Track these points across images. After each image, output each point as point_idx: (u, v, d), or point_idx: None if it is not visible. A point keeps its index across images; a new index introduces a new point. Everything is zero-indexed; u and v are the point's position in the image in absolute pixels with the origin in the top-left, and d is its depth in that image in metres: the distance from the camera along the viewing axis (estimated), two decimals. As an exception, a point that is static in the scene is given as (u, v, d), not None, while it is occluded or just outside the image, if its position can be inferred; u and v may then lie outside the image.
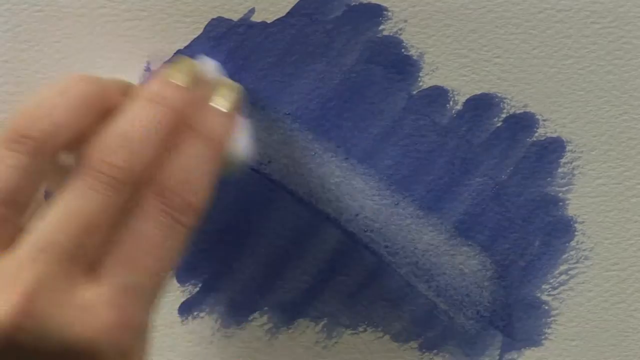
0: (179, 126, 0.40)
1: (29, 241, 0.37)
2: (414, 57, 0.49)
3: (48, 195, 0.39)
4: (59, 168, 0.40)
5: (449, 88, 0.49)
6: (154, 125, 0.39)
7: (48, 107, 0.38)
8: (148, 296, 0.39)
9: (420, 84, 0.49)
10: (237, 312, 0.52)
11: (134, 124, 0.39)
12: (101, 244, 0.38)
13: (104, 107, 0.40)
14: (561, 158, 0.50)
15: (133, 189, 0.38)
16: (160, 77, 0.42)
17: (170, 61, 0.46)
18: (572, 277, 0.51)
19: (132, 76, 0.49)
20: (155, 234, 0.39)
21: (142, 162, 0.39)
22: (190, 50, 0.48)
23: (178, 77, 0.41)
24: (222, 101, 0.43)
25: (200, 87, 0.42)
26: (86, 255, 0.37)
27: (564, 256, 0.51)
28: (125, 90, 0.42)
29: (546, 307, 0.51)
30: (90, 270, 0.38)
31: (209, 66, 0.44)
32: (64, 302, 0.36)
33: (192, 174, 0.40)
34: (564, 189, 0.50)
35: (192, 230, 0.40)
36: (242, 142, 0.45)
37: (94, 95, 0.40)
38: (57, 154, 0.39)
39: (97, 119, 0.39)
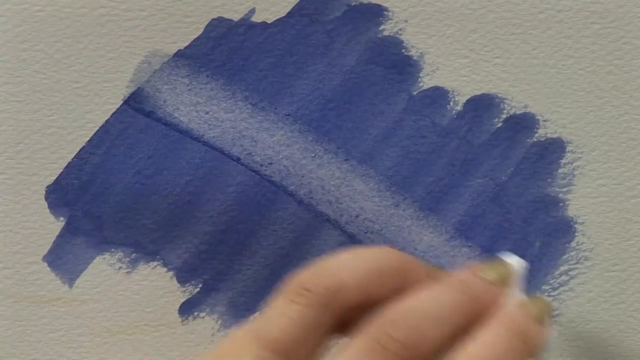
0: (478, 315, 0.39)
1: None
2: (415, 58, 0.49)
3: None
4: (340, 328, 0.40)
5: (449, 88, 0.49)
6: (448, 307, 0.38)
7: (337, 267, 0.38)
8: None
9: (421, 84, 0.49)
10: (237, 312, 0.52)
11: (427, 302, 0.38)
12: None
13: (400, 281, 0.39)
14: (561, 158, 0.50)
15: None
16: (470, 269, 0.41)
17: (484, 260, 0.46)
18: (572, 277, 0.51)
19: (131, 75, 0.49)
20: None
21: (426, 342, 0.37)
22: (191, 50, 0.49)
23: (487, 273, 0.40)
24: (531, 308, 0.40)
25: (508, 287, 0.41)
26: None
27: (564, 257, 0.51)
28: (432, 273, 0.41)
29: (546, 308, 0.51)
30: None
31: (518, 267, 0.43)
32: None
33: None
34: (564, 189, 0.50)
35: None
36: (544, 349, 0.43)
37: (391, 265, 0.39)
38: (339, 313, 0.38)
39: (390, 291, 0.39)
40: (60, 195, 0.51)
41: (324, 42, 0.49)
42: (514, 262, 0.43)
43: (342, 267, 0.38)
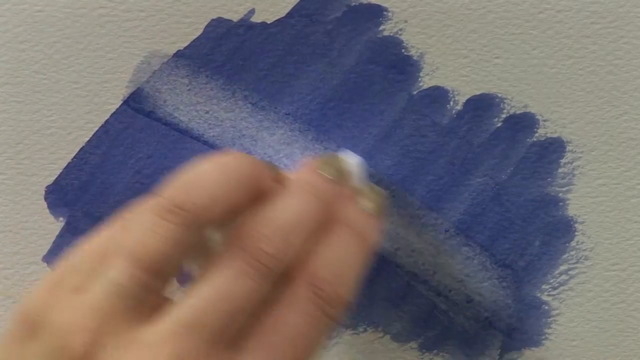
0: (326, 218, 0.41)
1: (174, 315, 0.37)
2: (414, 58, 0.49)
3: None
4: (201, 241, 0.40)
5: (449, 88, 0.49)
6: (307, 215, 0.40)
7: (205, 181, 0.38)
8: None
9: (421, 84, 0.49)
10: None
11: (290, 213, 0.39)
12: (243, 327, 0.38)
13: (256, 188, 0.40)
14: (561, 158, 0.50)
15: (280, 277, 0.39)
16: (310, 167, 0.42)
17: (319, 156, 0.47)
18: (572, 277, 0.51)
19: (131, 75, 0.49)
20: (300, 324, 0.38)
21: (294, 251, 0.39)
22: (190, 51, 0.48)
23: (327, 170, 0.42)
24: (367, 203, 0.43)
25: (346, 183, 0.43)
26: (227, 338, 0.37)
27: (564, 256, 0.51)
28: (276, 177, 0.42)
29: (546, 307, 0.51)
30: (230, 353, 0.37)
31: (353, 162, 0.45)
32: None
33: (343, 267, 0.40)
34: (564, 189, 0.50)
35: (336, 325, 0.40)
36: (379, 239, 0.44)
37: (250, 175, 0.40)
38: (207, 228, 0.39)
39: (248, 199, 0.40)
40: (60, 195, 0.51)
41: (324, 42, 0.49)
42: (349, 157, 0.44)
43: (209, 181, 0.38)
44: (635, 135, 0.50)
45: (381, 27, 0.48)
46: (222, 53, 0.49)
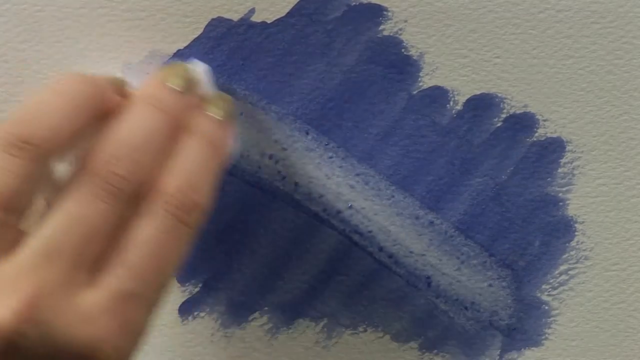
0: (175, 130, 0.41)
1: (31, 246, 0.37)
2: (414, 57, 0.49)
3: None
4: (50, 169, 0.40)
5: (449, 88, 0.49)
6: (155, 132, 0.40)
7: (47, 111, 0.38)
8: (148, 302, 0.39)
9: (421, 84, 0.49)
10: (237, 312, 0.52)
11: (137, 132, 0.39)
12: (103, 251, 0.38)
13: (100, 107, 0.40)
14: (561, 158, 0.50)
15: (136, 197, 0.39)
16: (156, 80, 0.42)
17: (164, 64, 0.47)
18: (572, 277, 0.51)
19: (132, 76, 0.49)
20: (157, 235, 0.39)
21: (145, 170, 0.39)
22: (190, 51, 0.48)
23: (174, 81, 0.42)
24: (216, 110, 0.43)
25: (194, 92, 0.43)
26: (87, 262, 0.38)
27: (564, 256, 0.51)
28: (120, 90, 0.42)
29: (546, 307, 0.51)
30: (92, 277, 0.38)
31: (200, 70, 0.45)
32: (65, 309, 0.36)
33: (194, 174, 0.40)
34: (564, 189, 0.50)
35: (196, 231, 0.40)
36: (232, 146, 0.45)
37: (91, 95, 0.40)
38: (55, 157, 0.39)
39: (93, 120, 0.40)
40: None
41: (324, 42, 0.49)
42: (195, 65, 0.44)
43: (52, 111, 0.38)
44: (635, 135, 0.50)
45: (381, 27, 0.49)
46: (223, 53, 0.49)
